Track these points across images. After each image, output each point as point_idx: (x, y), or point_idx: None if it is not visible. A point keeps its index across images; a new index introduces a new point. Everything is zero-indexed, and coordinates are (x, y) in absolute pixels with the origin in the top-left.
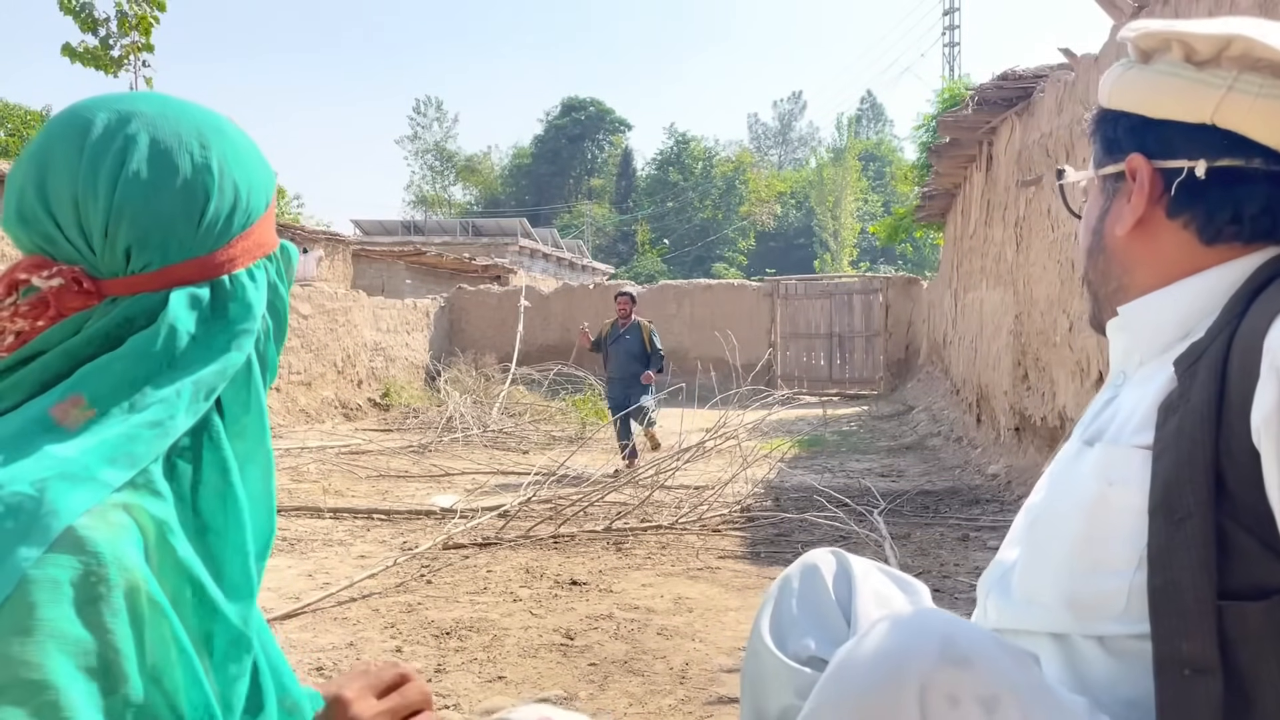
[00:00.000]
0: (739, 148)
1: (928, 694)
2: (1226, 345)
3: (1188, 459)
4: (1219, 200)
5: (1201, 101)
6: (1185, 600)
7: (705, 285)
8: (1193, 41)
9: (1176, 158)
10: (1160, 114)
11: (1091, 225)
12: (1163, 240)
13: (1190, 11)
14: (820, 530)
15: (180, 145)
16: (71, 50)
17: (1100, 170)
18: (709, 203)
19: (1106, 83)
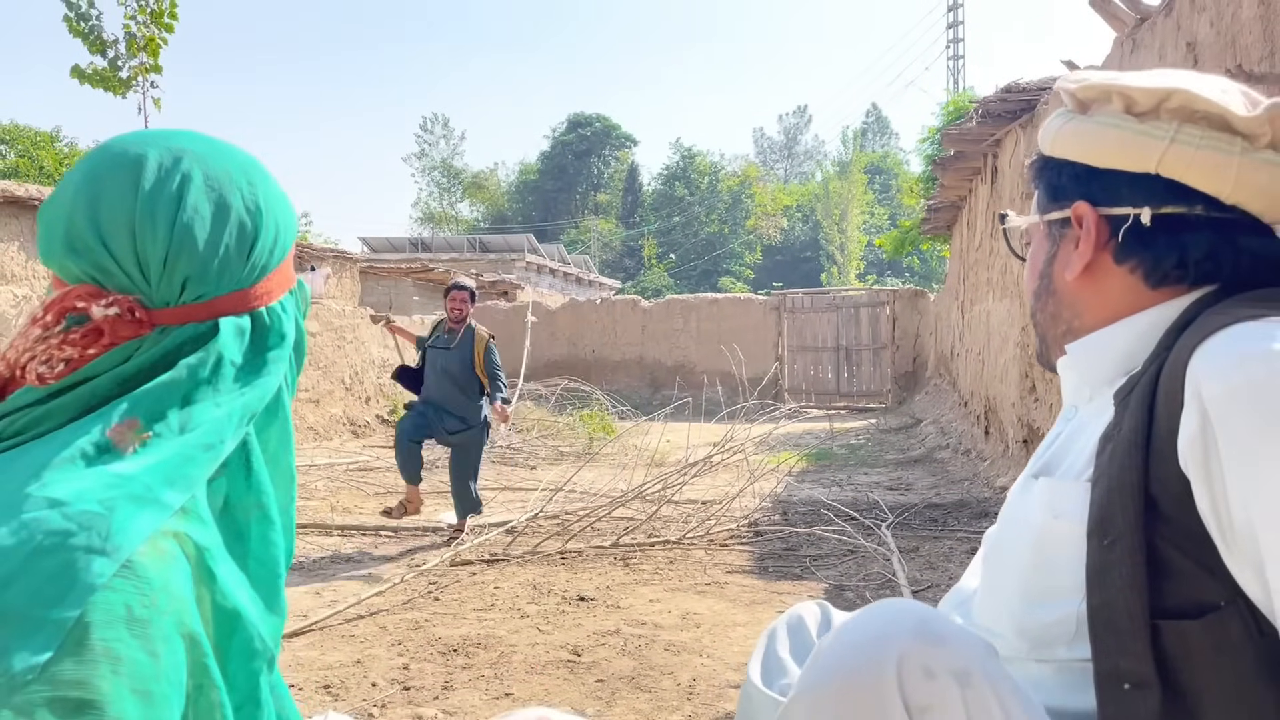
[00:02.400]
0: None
1: (905, 667)
2: (1155, 375)
3: (1118, 484)
4: (1165, 246)
5: (1145, 152)
6: (1120, 619)
7: (712, 299)
8: (1133, 94)
9: (1122, 205)
10: (1105, 163)
11: (1039, 269)
12: (1110, 284)
13: (1190, 28)
14: (828, 544)
15: (231, 183)
16: (80, 72)
17: (1046, 216)
18: (715, 217)
19: (1048, 132)
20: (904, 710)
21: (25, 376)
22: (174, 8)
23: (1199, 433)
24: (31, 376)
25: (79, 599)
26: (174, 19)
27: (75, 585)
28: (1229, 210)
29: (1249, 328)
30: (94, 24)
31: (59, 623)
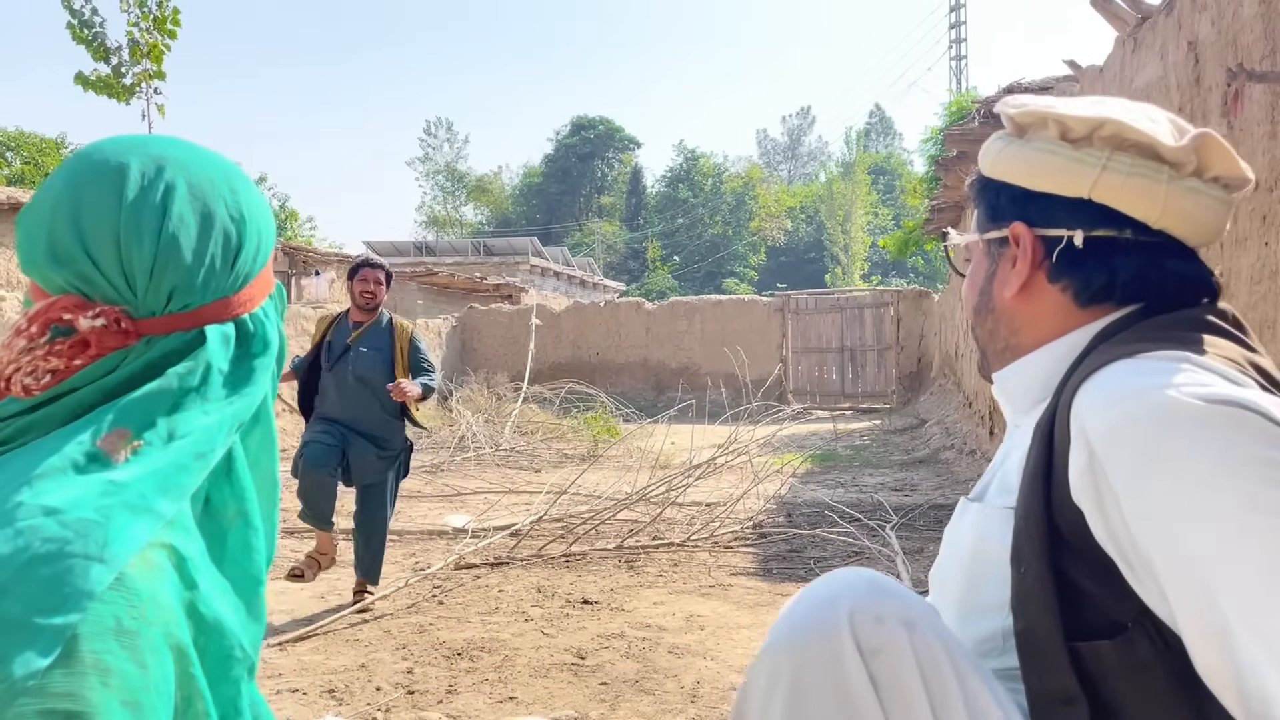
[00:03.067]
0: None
1: (856, 617)
2: (1052, 411)
3: (1026, 514)
4: (1095, 267)
5: (1079, 178)
6: (1041, 642)
7: (716, 301)
8: (1068, 122)
9: (1057, 227)
10: (1041, 187)
11: (979, 286)
12: (1044, 303)
13: (1191, 27)
14: (833, 546)
15: (215, 191)
16: (84, 79)
17: (985, 235)
18: (719, 219)
19: (988, 153)
20: (857, 652)
21: (10, 388)
22: (177, 14)
23: (1087, 468)
24: (17, 388)
25: (77, 606)
26: (177, 25)
27: (73, 592)
28: (1156, 234)
29: (1122, 367)
30: (97, 31)
31: (58, 630)
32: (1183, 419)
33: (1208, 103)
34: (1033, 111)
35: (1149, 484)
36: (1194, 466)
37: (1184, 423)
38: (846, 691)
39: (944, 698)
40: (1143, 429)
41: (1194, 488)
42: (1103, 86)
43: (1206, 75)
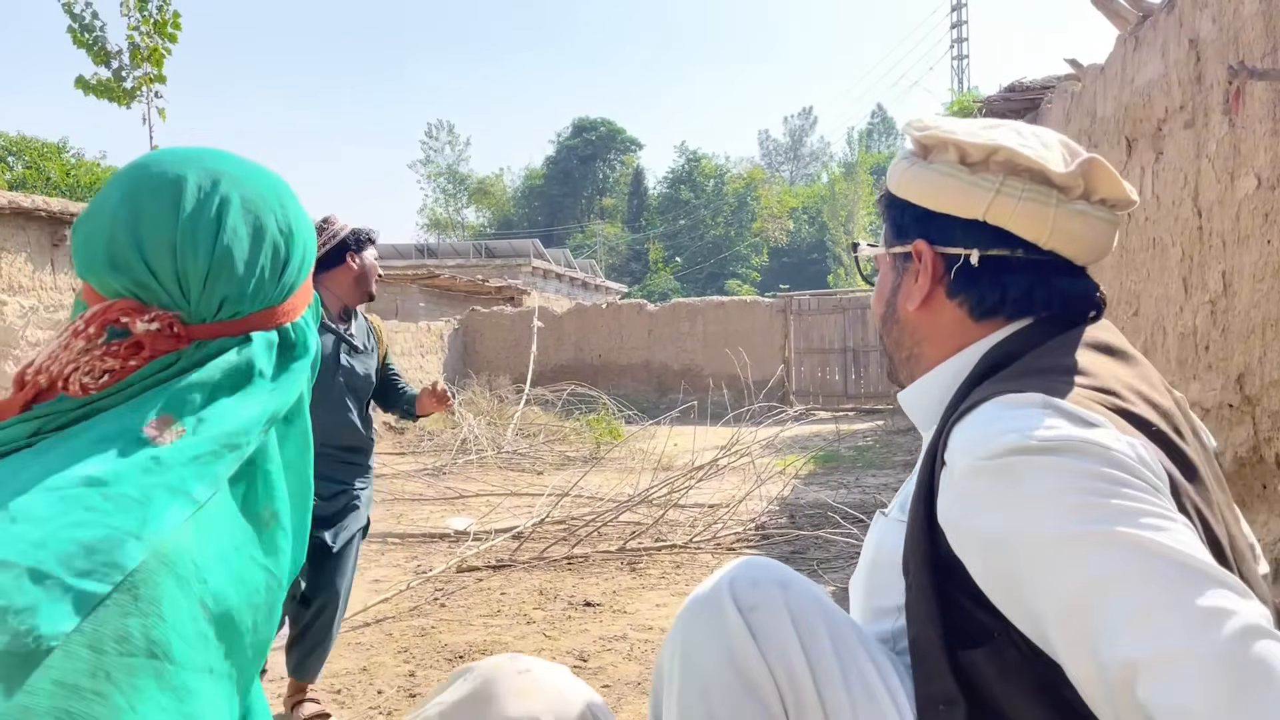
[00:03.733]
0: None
1: (735, 583)
2: (936, 438)
3: (911, 531)
4: (989, 284)
5: (975, 201)
6: (926, 649)
7: (718, 302)
8: (965, 147)
9: (955, 246)
10: (941, 208)
11: (885, 297)
12: (943, 316)
13: (1193, 25)
14: (836, 547)
15: (266, 205)
16: (85, 83)
17: (890, 249)
18: (721, 220)
19: (895, 172)
20: (736, 610)
21: (68, 387)
22: (177, 18)
23: (951, 502)
24: (75, 387)
25: (108, 577)
26: (177, 29)
27: (108, 563)
28: (1046, 254)
29: (989, 410)
30: (98, 35)
31: (89, 596)
32: (1024, 460)
33: (1209, 100)
34: (934, 135)
35: (992, 515)
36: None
37: (1024, 464)
38: (729, 643)
39: (816, 643)
40: (992, 468)
41: (1025, 516)
42: (1104, 84)
43: (1208, 73)
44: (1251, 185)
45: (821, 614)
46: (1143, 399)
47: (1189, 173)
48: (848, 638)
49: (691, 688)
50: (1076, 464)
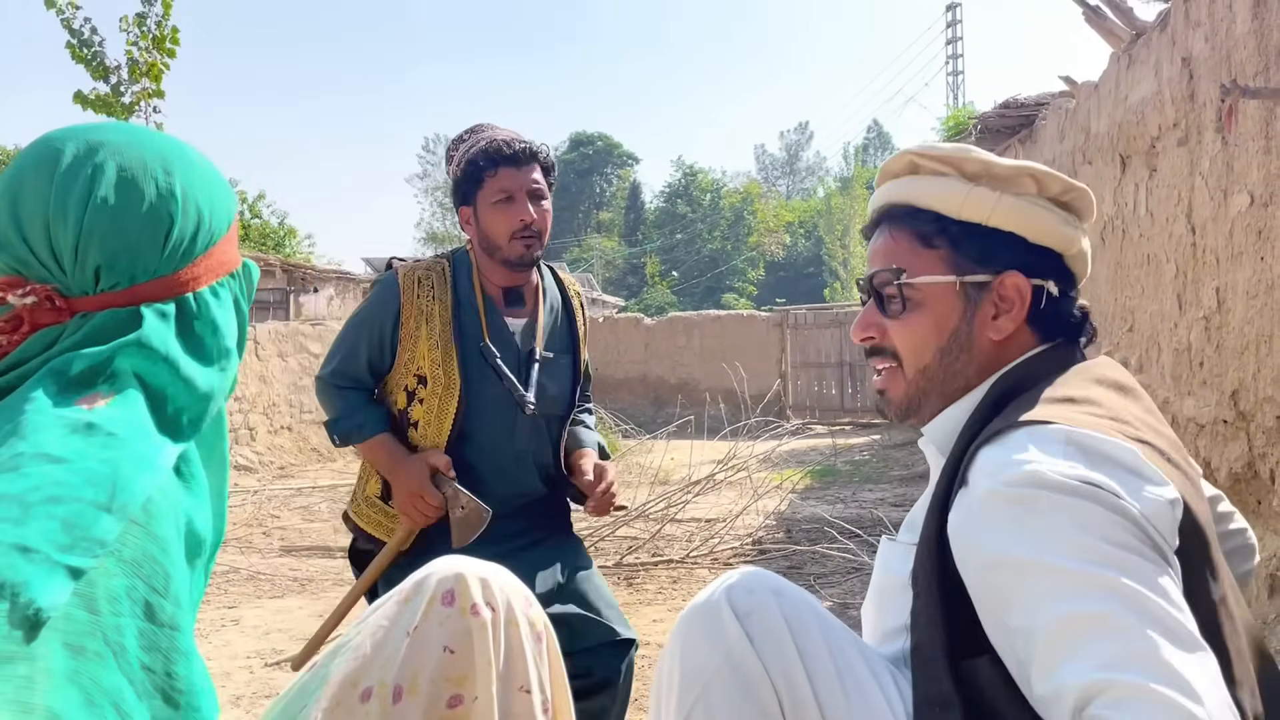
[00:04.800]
0: (746, 179)
1: (732, 592)
2: (960, 453)
3: (924, 543)
4: (1055, 313)
5: (1070, 239)
6: (928, 654)
7: (715, 316)
8: (1046, 180)
9: (1044, 277)
10: (1041, 241)
11: (950, 326)
12: (1013, 344)
13: (1186, 43)
14: (833, 562)
15: (145, 172)
16: (83, 98)
17: (967, 277)
18: (718, 234)
19: (969, 198)
20: (733, 616)
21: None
22: (176, 33)
23: (965, 518)
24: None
25: (90, 551)
26: (176, 44)
27: (86, 538)
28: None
29: (1018, 438)
30: (96, 50)
31: (74, 571)
32: (1042, 494)
33: (1202, 118)
34: (1006, 165)
35: (1001, 536)
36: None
37: (1042, 498)
38: (726, 647)
39: (811, 647)
40: (1011, 495)
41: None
42: (1098, 102)
43: (1201, 91)
44: (1245, 203)
45: (816, 619)
46: (1154, 433)
47: (1183, 190)
48: (842, 642)
49: (691, 692)
50: (1089, 508)
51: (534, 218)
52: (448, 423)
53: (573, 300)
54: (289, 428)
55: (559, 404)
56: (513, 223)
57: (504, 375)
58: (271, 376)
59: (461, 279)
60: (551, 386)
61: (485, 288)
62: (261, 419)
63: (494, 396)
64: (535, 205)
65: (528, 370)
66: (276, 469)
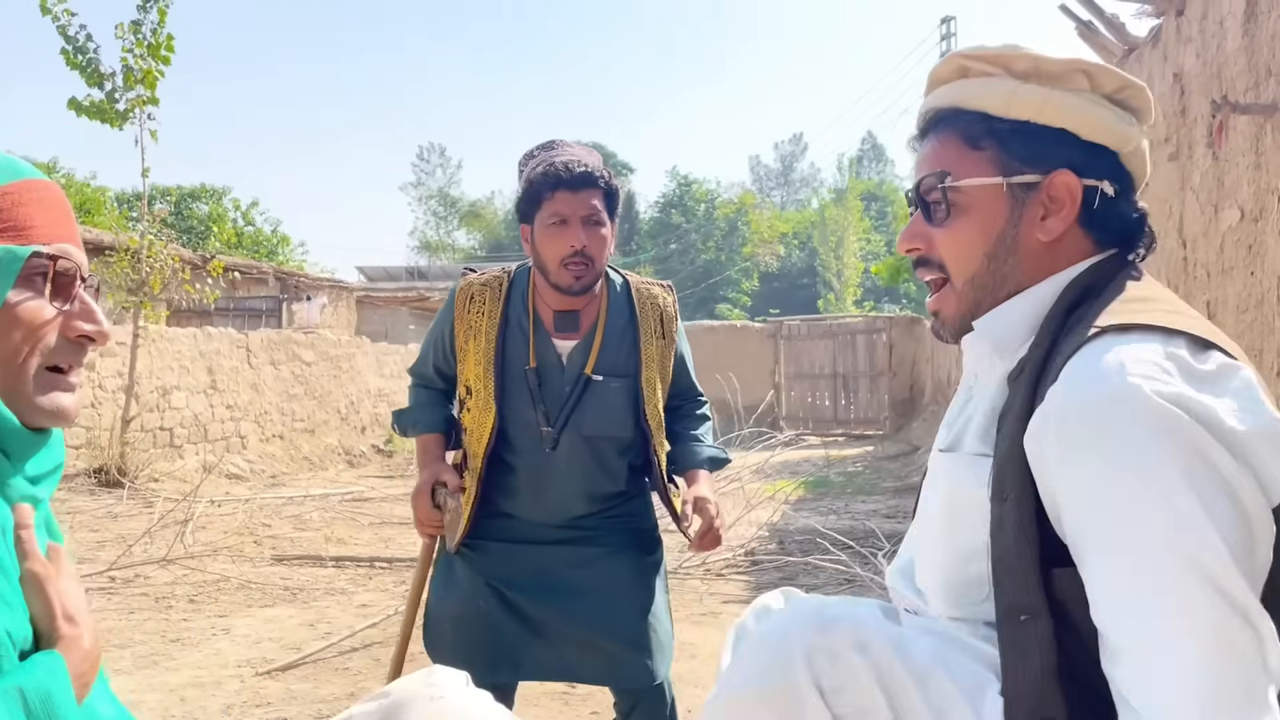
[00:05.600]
0: (741, 189)
1: (813, 659)
2: (1041, 361)
3: (1007, 453)
4: (1115, 214)
5: (1126, 136)
6: (1013, 562)
7: (708, 327)
8: (1099, 76)
9: (1097, 176)
10: (1093, 137)
11: (995, 230)
12: (1067, 247)
13: (1177, 59)
14: (825, 573)
15: None
16: (78, 104)
17: (1014, 178)
18: (712, 244)
19: (1015, 96)
20: (818, 693)
21: None
22: (171, 41)
23: (1043, 432)
24: None
25: None
26: (171, 51)
27: None
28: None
29: (1104, 344)
30: (91, 57)
31: None
32: (1131, 412)
33: (1193, 133)
34: (1053, 60)
35: (1080, 459)
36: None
37: (1131, 416)
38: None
39: (908, 707)
40: (1096, 411)
41: (1111, 474)
42: None
43: (1192, 107)
44: (1235, 217)
45: (906, 670)
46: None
47: (1174, 204)
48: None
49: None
50: (1178, 440)
51: (584, 243)
52: (486, 435)
53: (646, 316)
54: (280, 436)
55: (607, 427)
56: (563, 248)
57: (536, 403)
58: (263, 384)
59: (515, 297)
60: (596, 412)
61: (538, 308)
62: (253, 427)
63: (528, 420)
64: (590, 231)
65: (572, 394)
66: (268, 477)
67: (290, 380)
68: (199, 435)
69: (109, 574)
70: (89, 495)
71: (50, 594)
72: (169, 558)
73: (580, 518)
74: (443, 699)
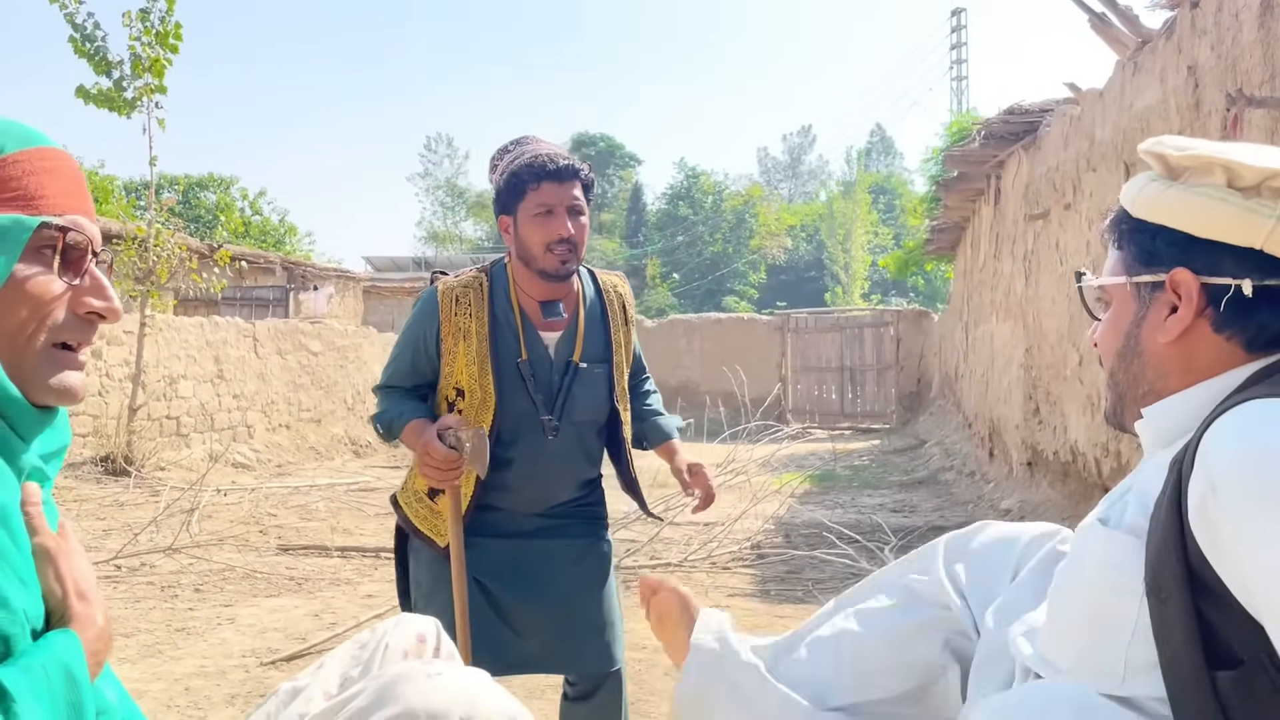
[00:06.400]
0: (749, 181)
1: None
2: (1195, 443)
3: (1162, 544)
4: (1269, 315)
5: (1252, 229)
6: (1184, 672)
7: (715, 319)
8: (1239, 170)
9: (1223, 275)
10: (1208, 234)
11: (1124, 329)
12: (1202, 350)
13: (1191, 51)
14: (831, 567)
15: None
16: (85, 92)
17: (1137, 278)
18: (719, 236)
19: (1140, 194)
20: None
21: None
22: (179, 29)
23: (1204, 498)
24: None
25: None
26: (179, 39)
27: None
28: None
29: (1258, 405)
30: (99, 45)
31: None
32: None
33: (1207, 127)
34: (1198, 155)
35: (1259, 521)
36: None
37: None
38: None
39: None
40: (1262, 467)
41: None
42: (1103, 109)
43: (1206, 100)
44: None
45: None
46: None
47: None
48: None
49: None
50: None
51: (571, 232)
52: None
53: (612, 303)
54: (287, 425)
55: (592, 412)
56: (550, 236)
57: (534, 394)
58: (270, 374)
59: (498, 295)
60: (585, 397)
61: (522, 302)
62: (260, 416)
63: (525, 411)
64: (574, 220)
65: (562, 383)
66: (274, 467)
67: (297, 370)
68: (205, 424)
69: (115, 562)
70: (95, 483)
71: (62, 570)
72: (175, 546)
73: (559, 505)
74: (440, 675)
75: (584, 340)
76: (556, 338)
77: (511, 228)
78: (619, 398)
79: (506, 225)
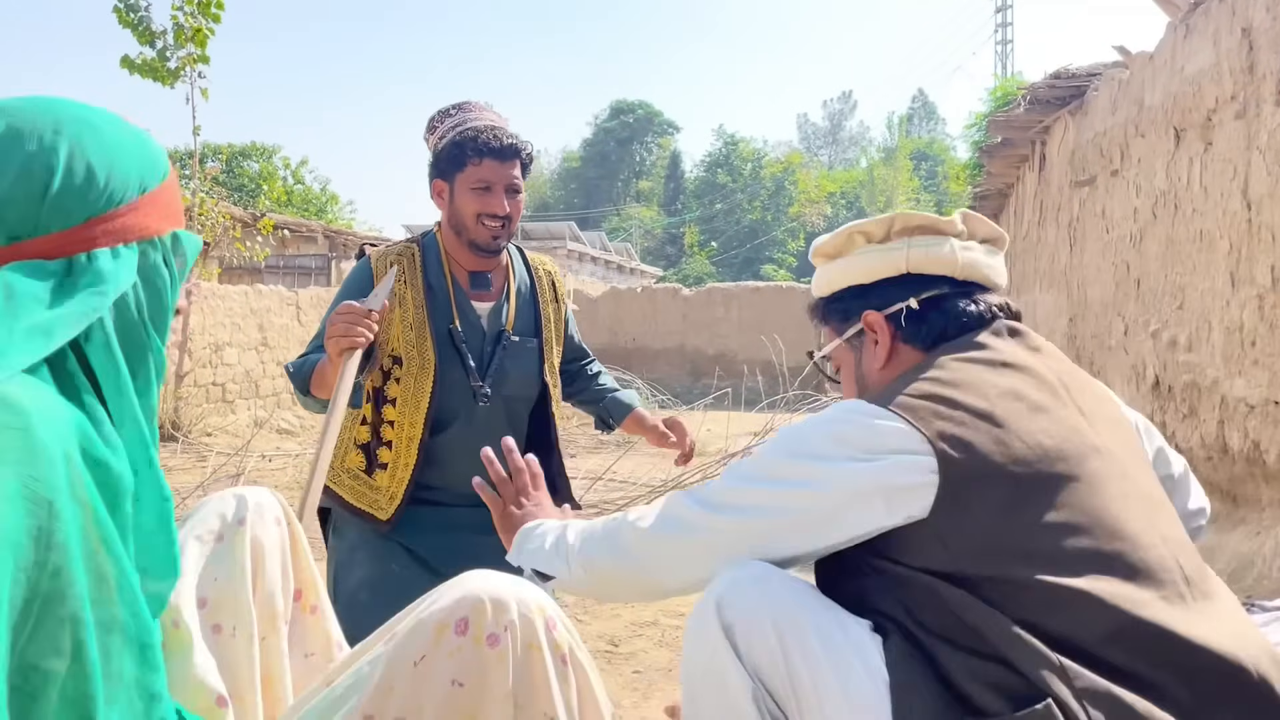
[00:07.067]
0: (788, 148)
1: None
2: None
3: None
4: (935, 316)
5: (897, 261)
6: None
7: (754, 288)
8: (869, 228)
9: (896, 303)
10: (873, 278)
11: (854, 376)
12: (900, 362)
13: (1245, 13)
14: None
15: (31, 132)
16: (130, 62)
17: (845, 335)
18: (758, 204)
19: (820, 281)
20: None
21: None
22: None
23: None
24: None
25: None
26: (220, 9)
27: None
28: (965, 284)
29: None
30: (143, 15)
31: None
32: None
33: (1261, 91)
34: (838, 236)
35: None
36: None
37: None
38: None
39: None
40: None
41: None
42: (1153, 73)
43: (1261, 63)
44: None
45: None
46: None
47: (1239, 164)
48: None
49: (685, 693)
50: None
51: (507, 211)
52: (424, 401)
53: (541, 281)
54: None
55: (523, 386)
56: (485, 210)
57: (465, 361)
58: None
59: (431, 263)
60: (515, 370)
61: (453, 270)
62: None
63: (458, 379)
64: (510, 200)
65: (493, 353)
66: (318, 433)
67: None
68: (250, 391)
69: None
70: None
71: None
72: None
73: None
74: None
75: (515, 313)
76: (488, 308)
77: (446, 194)
78: (549, 373)
79: (441, 190)
